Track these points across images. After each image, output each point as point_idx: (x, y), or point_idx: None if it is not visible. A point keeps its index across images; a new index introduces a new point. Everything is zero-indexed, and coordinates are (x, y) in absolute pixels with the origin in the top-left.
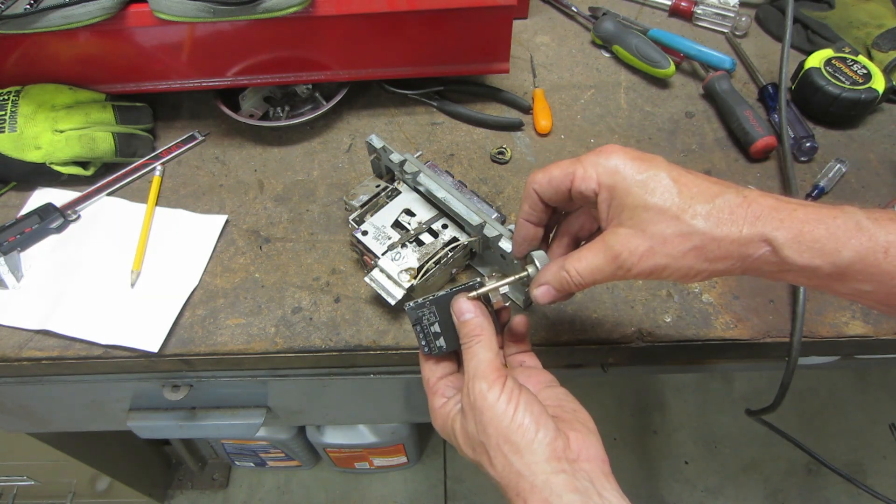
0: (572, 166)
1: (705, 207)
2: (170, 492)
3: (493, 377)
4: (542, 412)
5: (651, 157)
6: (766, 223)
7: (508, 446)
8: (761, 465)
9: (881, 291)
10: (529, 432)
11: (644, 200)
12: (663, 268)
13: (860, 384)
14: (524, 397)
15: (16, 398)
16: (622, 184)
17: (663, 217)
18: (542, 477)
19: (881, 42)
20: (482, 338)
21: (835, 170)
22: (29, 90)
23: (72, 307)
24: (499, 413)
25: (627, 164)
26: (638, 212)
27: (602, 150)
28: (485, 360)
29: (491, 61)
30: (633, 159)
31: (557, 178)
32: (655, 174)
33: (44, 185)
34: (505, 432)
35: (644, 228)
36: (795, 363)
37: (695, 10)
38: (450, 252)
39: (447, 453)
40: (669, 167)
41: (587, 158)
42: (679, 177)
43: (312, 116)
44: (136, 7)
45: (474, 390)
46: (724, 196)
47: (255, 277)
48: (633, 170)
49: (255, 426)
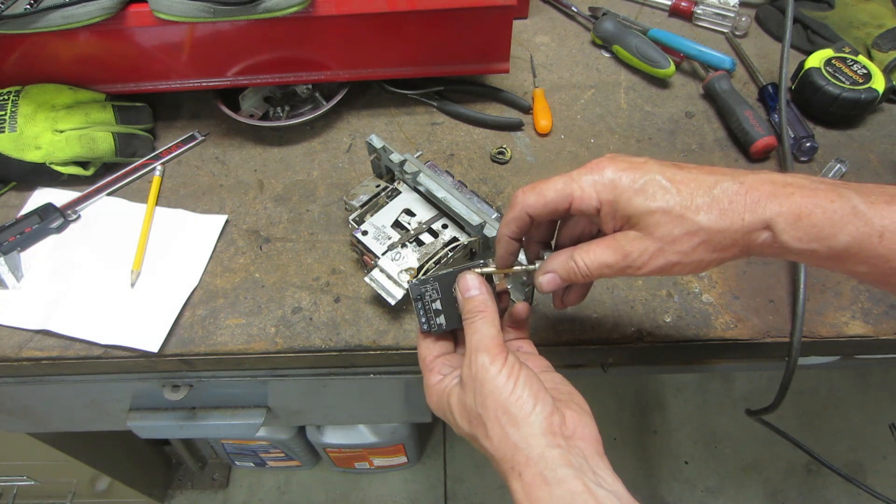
0: (568, 187)
1: (705, 200)
2: (170, 492)
3: (495, 351)
4: (540, 388)
5: (641, 163)
6: (766, 208)
7: (506, 417)
8: (761, 465)
9: (876, 272)
10: (527, 405)
11: (647, 206)
12: (674, 264)
13: (860, 384)
14: (524, 373)
15: (16, 398)
16: (623, 196)
17: (668, 218)
18: (538, 450)
19: (881, 42)
20: (486, 314)
21: (835, 170)
22: (29, 90)
23: (72, 307)
24: (499, 385)
25: (622, 175)
26: (643, 218)
27: (593, 166)
28: (488, 335)
29: (491, 61)
30: (627, 169)
31: (553, 200)
32: (651, 178)
33: (44, 185)
34: (504, 404)
35: (652, 231)
36: (795, 363)
37: (695, 10)
38: (450, 252)
39: (447, 453)
40: (662, 168)
41: (581, 177)
42: (674, 176)
43: (312, 116)
44: (136, 7)
45: (476, 363)
46: (721, 185)
47: (255, 277)
48: (630, 179)
49: (255, 426)
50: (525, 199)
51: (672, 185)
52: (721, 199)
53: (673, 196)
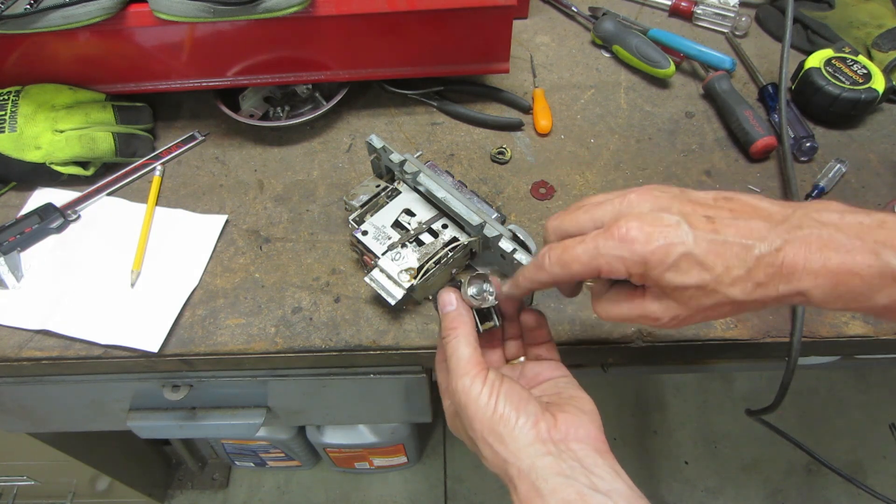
0: (594, 261)
1: (740, 273)
2: (170, 492)
3: (473, 372)
4: (522, 399)
5: (673, 231)
6: (802, 279)
7: (493, 437)
8: (761, 465)
9: None
10: (510, 420)
11: (682, 282)
12: (696, 322)
13: (860, 384)
14: (505, 387)
15: (16, 398)
16: (654, 271)
17: (701, 293)
18: (528, 461)
19: (881, 42)
20: (459, 331)
21: (835, 170)
22: (29, 90)
23: (72, 307)
24: (482, 406)
25: (654, 251)
26: (676, 292)
27: (620, 234)
28: (464, 357)
29: (491, 61)
30: (659, 248)
31: (580, 273)
32: (685, 254)
33: (44, 185)
34: (489, 424)
35: (684, 302)
36: (795, 363)
37: (695, 10)
38: (450, 252)
39: (447, 453)
40: (696, 239)
41: (609, 251)
42: (710, 246)
43: (312, 116)
44: (136, 7)
45: (458, 388)
46: (759, 248)
47: (255, 277)
48: (663, 254)
49: (255, 426)
50: (552, 271)
51: (707, 257)
52: (756, 273)
53: (708, 273)
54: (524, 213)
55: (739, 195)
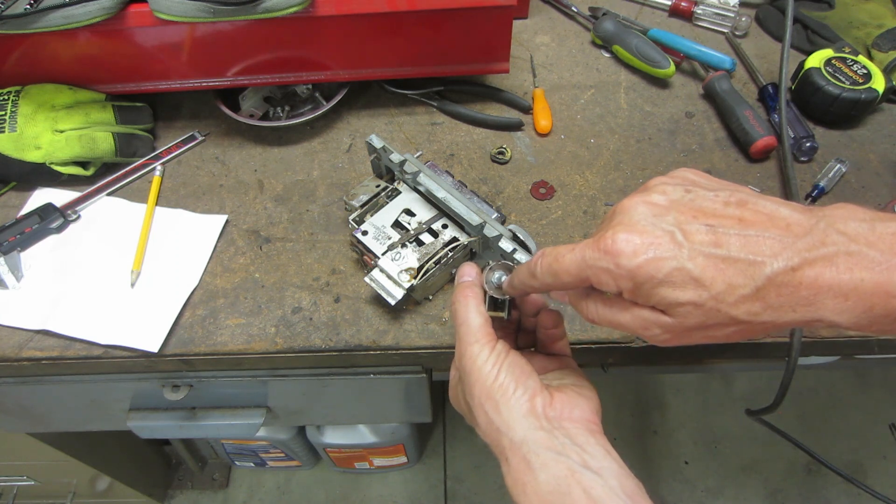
0: (582, 272)
1: (747, 292)
2: (170, 492)
3: (483, 340)
4: (524, 372)
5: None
6: (824, 307)
7: (490, 403)
8: (761, 465)
9: None
10: (508, 390)
11: (676, 299)
12: (697, 342)
13: (860, 384)
14: (510, 359)
15: (16, 398)
16: (644, 287)
17: (700, 311)
18: (521, 433)
19: (881, 42)
20: (470, 301)
21: (835, 170)
22: (29, 90)
23: (72, 307)
24: (484, 373)
25: (641, 265)
26: (672, 308)
27: (605, 245)
28: (475, 325)
29: (491, 61)
30: (647, 262)
31: (571, 284)
32: (679, 267)
33: (44, 185)
34: (488, 390)
35: (681, 319)
36: (795, 363)
37: (695, 10)
38: (450, 252)
39: (447, 453)
40: (691, 252)
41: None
42: (707, 262)
43: (312, 116)
44: (136, 7)
45: (465, 353)
46: (770, 274)
47: (255, 277)
48: (651, 270)
49: (255, 426)
50: (543, 280)
51: (704, 273)
52: (767, 293)
53: (706, 290)
54: (524, 213)
55: (757, 199)
